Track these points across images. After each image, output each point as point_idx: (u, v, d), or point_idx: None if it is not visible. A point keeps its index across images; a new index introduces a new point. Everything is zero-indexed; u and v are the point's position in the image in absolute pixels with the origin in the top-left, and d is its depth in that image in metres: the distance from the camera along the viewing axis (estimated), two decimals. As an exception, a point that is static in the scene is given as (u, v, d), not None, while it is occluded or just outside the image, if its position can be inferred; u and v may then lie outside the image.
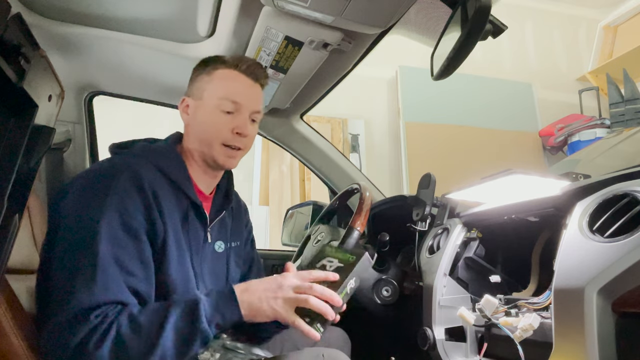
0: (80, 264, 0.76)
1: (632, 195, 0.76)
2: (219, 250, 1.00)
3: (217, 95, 0.94)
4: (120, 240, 0.79)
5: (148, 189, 0.84)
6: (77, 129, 1.45)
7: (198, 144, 0.96)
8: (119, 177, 0.83)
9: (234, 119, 0.94)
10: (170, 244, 0.86)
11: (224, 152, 0.95)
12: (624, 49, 3.89)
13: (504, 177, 0.97)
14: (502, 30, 0.93)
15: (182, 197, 0.92)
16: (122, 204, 0.81)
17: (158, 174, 0.89)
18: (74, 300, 0.73)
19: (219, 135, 0.94)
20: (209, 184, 1.02)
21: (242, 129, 0.94)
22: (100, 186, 0.82)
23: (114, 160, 0.92)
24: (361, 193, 1.21)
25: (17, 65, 0.60)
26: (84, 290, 0.74)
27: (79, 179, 0.86)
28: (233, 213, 1.09)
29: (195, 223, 0.94)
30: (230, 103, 0.94)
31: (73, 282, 0.75)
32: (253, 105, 0.97)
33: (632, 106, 3.33)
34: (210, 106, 0.94)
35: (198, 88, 0.97)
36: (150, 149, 0.96)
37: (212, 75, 0.96)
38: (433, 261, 1.15)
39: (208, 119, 0.94)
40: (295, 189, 3.48)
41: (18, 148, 0.63)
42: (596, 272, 0.70)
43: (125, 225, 0.80)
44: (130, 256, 0.80)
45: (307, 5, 0.93)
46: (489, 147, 3.75)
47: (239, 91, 0.95)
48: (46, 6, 1.04)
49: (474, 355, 1.00)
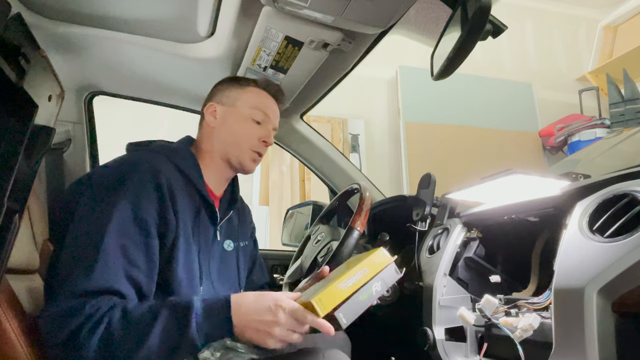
0: (84, 251, 0.77)
1: (632, 195, 0.76)
2: (228, 249, 1.05)
3: (250, 104, 1.07)
4: (129, 231, 0.80)
5: (165, 184, 0.87)
6: (77, 129, 1.45)
7: (224, 146, 1.04)
8: (138, 170, 0.85)
9: (261, 129, 1.07)
10: (180, 240, 0.88)
11: (251, 157, 1.06)
12: (624, 49, 3.89)
13: (504, 177, 0.97)
14: (502, 30, 0.93)
15: (195, 194, 0.95)
16: (137, 197, 0.82)
17: (175, 171, 0.93)
18: (71, 285, 0.74)
19: (249, 141, 1.05)
20: (219, 185, 1.08)
21: (268, 139, 1.07)
22: (119, 179, 0.84)
23: (134, 155, 0.95)
24: (361, 193, 1.21)
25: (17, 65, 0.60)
26: (83, 276, 0.75)
27: (97, 172, 0.89)
28: (239, 214, 1.15)
29: (205, 221, 0.98)
30: (261, 113, 1.07)
31: (74, 268, 0.76)
32: (276, 121, 1.12)
33: (632, 106, 3.33)
34: (243, 114, 1.06)
35: (229, 97, 1.08)
36: (168, 147, 1.01)
37: (246, 90, 1.09)
38: (433, 261, 1.15)
39: (241, 125, 1.05)
40: (295, 189, 3.48)
41: (18, 148, 0.63)
42: (596, 272, 0.70)
43: (136, 218, 0.81)
44: (136, 247, 0.80)
45: (307, 5, 0.93)
46: (489, 147, 3.75)
47: (268, 106, 1.10)
48: (46, 6, 1.04)
49: (474, 355, 1.00)
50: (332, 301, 0.74)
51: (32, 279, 0.95)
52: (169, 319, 0.74)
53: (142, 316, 0.74)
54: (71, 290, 0.74)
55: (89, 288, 0.74)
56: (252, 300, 0.77)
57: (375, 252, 0.84)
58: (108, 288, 0.76)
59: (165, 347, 0.73)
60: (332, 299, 0.74)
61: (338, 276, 0.79)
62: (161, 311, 0.75)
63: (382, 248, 0.85)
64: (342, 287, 0.75)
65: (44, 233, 1.02)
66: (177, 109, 1.60)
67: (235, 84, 1.11)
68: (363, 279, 0.78)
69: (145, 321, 0.73)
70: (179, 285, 0.87)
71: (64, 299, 0.73)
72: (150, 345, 0.72)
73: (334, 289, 0.75)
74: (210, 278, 0.96)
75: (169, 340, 0.73)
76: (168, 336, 0.73)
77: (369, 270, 0.80)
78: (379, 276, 0.80)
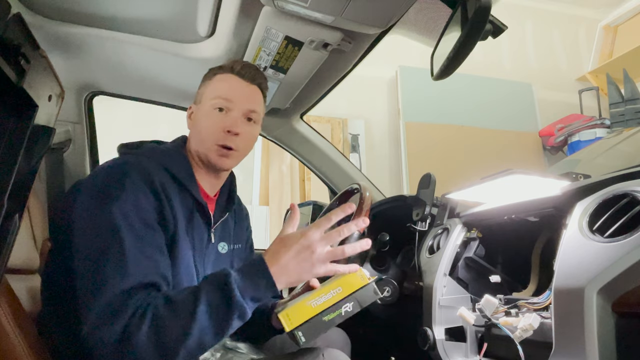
0: (107, 255, 0.76)
1: (632, 195, 0.76)
2: (222, 252, 1.02)
3: (212, 95, 0.98)
4: (140, 232, 0.80)
5: (159, 186, 0.86)
6: (77, 129, 1.45)
7: (195, 146, 0.99)
8: (130, 173, 0.84)
9: (225, 117, 0.96)
10: (179, 239, 0.87)
11: (217, 152, 0.96)
12: (624, 49, 3.89)
13: (504, 177, 0.97)
14: (502, 30, 0.93)
15: (187, 197, 0.94)
16: (137, 199, 0.82)
17: (166, 174, 0.91)
18: (108, 287, 0.73)
19: (212, 134, 0.96)
20: (213, 186, 1.04)
21: (233, 127, 0.95)
22: (115, 183, 0.83)
23: (124, 159, 0.93)
24: (361, 193, 1.21)
25: (17, 65, 0.60)
26: (117, 276, 0.74)
27: (91, 177, 0.88)
28: (235, 216, 1.12)
29: (199, 223, 0.96)
30: (221, 100, 0.96)
31: (103, 271, 0.74)
32: (246, 103, 0.98)
33: (632, 106, 3.33)
34: (205, 107, 0.98)
35: (199, 94, 1.02)
36: (159, 149, 0.98)
37: (212, 80, 1.01)
38: (433, 261, 1.15)
39: (203, 119, 0.98)
40: (295, 189, 3.48)
41: (18, 148, 0.63)
42: (596, 272, 0.70)
43: (141, 218, 0.81)
44: (151, 246, 0.80)
45: (307, 5, 0.93)
46: (489, 147, 3.75)
47: (232, 89, 0.98)
48: (46, 6, 1.04)
49: (474, 355, 1.00)
50: (299, 318, 0.77)
51: (32, 279, 0.95)
52: (211, 292, 0.74)
53: (185, 298, 0.74)
54: (109, 294, 0.73)
55: (126, 286, 0.73)
56: (281, 246, 0.79)
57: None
58: (144, 282, 0.75)
59: (215, 321, 0.73)
60: (299, 316, 0.78)
61: (313, 292, 0.81)
62: (202, 287, 0.75)
63: (361, 269, 0.86)
64: (311, 305, 0.79)
65: (44, 233, 1.02)
66: (176, 108, 1.60)
67: (206, 79, 1.03)
68: (333, 299, 0.80)
69: (189, 301, 0.73)
70: (180, 285, 0.86)
71: (105, 304, 0.72)
72: (200, 323, 0.72)
73: (303, 306, 0.79)
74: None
75: (217, 313, 0.73)
76: (216, 309, 0.73)
77: (343, 290, 0.81)
78: (352, 296, 0.80)
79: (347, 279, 0.82)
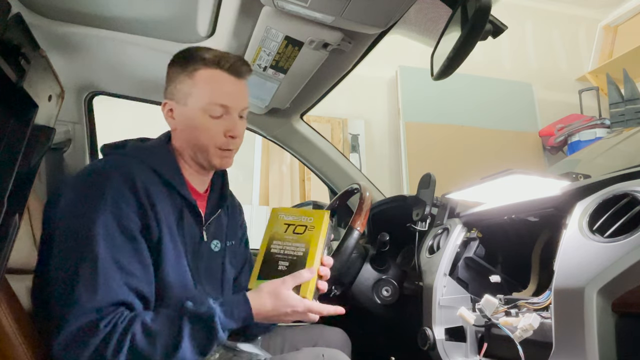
0: (79, 269, 0.76)
1: (632, 195, 0.76)
2: (215, 250, 1.00)
3: (204, 101, 0.91)
4: (118, 242, 0.79)
5: (141, 188, 0.85)
6: (77, 129, 1.45)
7: (191, 149, 0.95)
8: (111, 178, 0.83)
9: (224, 122, 0.93)
10: (165, 243, 0.86)
11: (220, 154, 0.95)
12: (624, 49, 3.89)
13: (504, 177, 0.97)
14: (502, 30, 0.93)
15: (176, 196, 0.92)
16: (116, 205, 0.81)
17: (151, 174, 0.89)
18: (77, 307, 0.74)
19: (213, 140, 0.93)
20: (202, 182, 1.02)
21: (233, 132, 0.94)
22: (94, 188, 0.82)
23: (105, 161, 0.92)
24: (361, 193, 1.21)
25: (17, 65, 0.60)
26: (86, 294, 0.74)
27: (71, 181, 0.86)
28: (229, 212, 1.09)
29: (190, 222, 0.94)
30: (219, 107, 0.92)
31: (74, 287, 0.75)
32: (240, 103, 0.95)
33: (632, 106, 3.33)
34: (198, 113, 0.92)
35: (181, 91, 0.94)
36: (143, 148, 0.96)
37: (195, 79, 0.92)
38: (433, 261, 1.15)
39: (199, 125, 0.92)
40: (295, 189, 3.48)
41: (18, 148, 0.63)
42: (596, 272, 0.70)
43: (121, 226, 0.80)
44: (128, 257, 0.80)
45: (307, 5, 0.93)
46: (489, 147, 3.75)
47: (226, 93, 0.93)
48: (46, 6, 1.04)
49: (474, 355, 1.00)
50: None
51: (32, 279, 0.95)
52: (195, 328, 0.78)
53: (166, 328, 0.77)
54: (79, 310, 0.73)
55: (97, 305, 0.74)
56: (274, 300, 0.84)
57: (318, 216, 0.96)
58: (115, 301, 0.76)
59: (197, 352, 0.78)
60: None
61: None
62: (184, 321, 0.78)
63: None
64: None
65: (44, 233, 1.02)
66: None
67: (182, 72, 0.93)
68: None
69: (171, 334, 0.76)
70: (171, 288, 0.86)
71: (75, 320, 0.73)
72: (183, 356, 0.76)
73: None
74: (200, 279, 0.94)
75: (200, 346, 0.79)
76: (198, 343, 0.78)
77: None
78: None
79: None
